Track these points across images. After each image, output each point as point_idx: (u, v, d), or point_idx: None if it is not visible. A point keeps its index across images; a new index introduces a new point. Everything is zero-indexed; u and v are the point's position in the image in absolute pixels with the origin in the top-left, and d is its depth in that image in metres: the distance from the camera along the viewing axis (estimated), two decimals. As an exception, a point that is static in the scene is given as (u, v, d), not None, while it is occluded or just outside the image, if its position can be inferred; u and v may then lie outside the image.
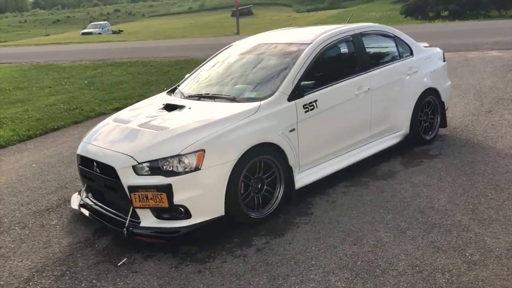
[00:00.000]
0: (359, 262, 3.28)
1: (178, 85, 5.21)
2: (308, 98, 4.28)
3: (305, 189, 4.35)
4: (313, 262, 3.33)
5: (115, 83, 12.24)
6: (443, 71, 5.88)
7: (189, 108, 4.25)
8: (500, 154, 5.11)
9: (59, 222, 4.39)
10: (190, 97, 4.64)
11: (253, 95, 4.28)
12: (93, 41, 32.19)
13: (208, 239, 3.76)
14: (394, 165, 5.07)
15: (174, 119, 4.08)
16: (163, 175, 3.59)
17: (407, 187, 4.46)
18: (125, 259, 3.59)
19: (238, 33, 26.78)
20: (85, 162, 4.11)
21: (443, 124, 5.86)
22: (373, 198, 4.29)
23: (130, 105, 9.95)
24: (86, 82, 12.67)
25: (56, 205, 4.80)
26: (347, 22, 5.87)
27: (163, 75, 13.28)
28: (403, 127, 5.30)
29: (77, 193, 4.68)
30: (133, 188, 3.61)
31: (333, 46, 4.71)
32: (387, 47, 5.37)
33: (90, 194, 4.30)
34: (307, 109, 4.26)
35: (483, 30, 17.96)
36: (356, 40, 4.94)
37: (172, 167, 3.60)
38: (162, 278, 3.30)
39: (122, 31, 43.15)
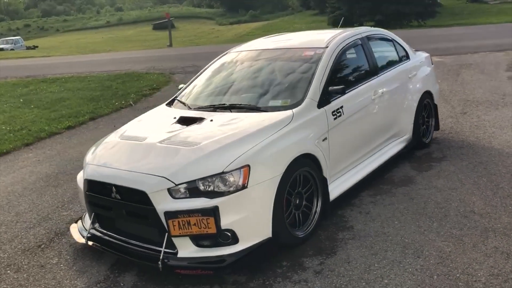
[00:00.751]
0: (435, 277, 3.05)
1: (176, 97, 4.74)
2: (335, 104, 4.04)
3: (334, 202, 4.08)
4: (386, 281, 3.05)
5: (56, 100, 11.26)
6: (433, 74, 5.93)
7: (211, 120, 3.82)
8: (502, 153, 5.18)
9: (61, 259, 3.76)
10: (201, 108, 4.21)
11: (278, 103, 3.95)
12: (12, 57, 29.80)
13: (250, 265, 3.35)
14: (406, 171, 4.95)
15: (200, 133, 3.64)
16: (205, 197, 3.15)
17: (434, 192, 4.33)
18: (166, 297, 3.10)
19: (171, 45, 26.09)
20: (97, 187, 3.54)
21: (437, 126, 5.88)
22: (406, 206, 4.11)
23: (84, 123, 9.39)
24: (21, 100, 11.54)
25: (47, 240, 4.13)
26: (339, 27, 5.73)
27: (107, 89, 12.45)
28: (407, 132, 5.22)
29: (76, 223, 4.05)
30: (172, 214, 3.13)
31: (347, 50, 4.52)
32: (389, 51, 5.28)
33: (97, 225, 3.71)
34: (335, 116, 4.01)
35: (416, 38, 18.87)
36: (364, 43, 4.79)
37: (215, 186, 3.17)
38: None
39: (37, 46, 40.58)
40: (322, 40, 4.53)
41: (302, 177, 3.60)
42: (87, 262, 3.67)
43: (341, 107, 4.09)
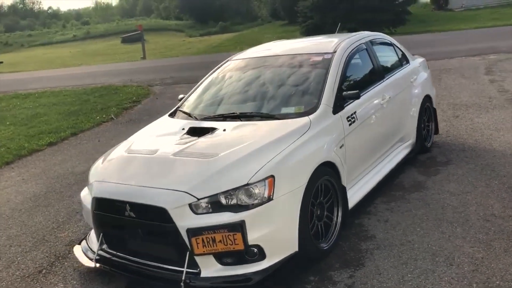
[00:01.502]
0: (474, 285, 2.94)
1: (178, 107, 4.54)
2: (348, 110, 3.92)
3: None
4: (425, 292, 2.92)
5: (33, 116, 10.83)
6: (430, 78, 5.90)
7: (224, 130, 3.64)
8: (506, 155, 5.16)
9: (67, 285, 3.49)
10: (208, 118, 4.02)
11: (292, 110, 3.80)
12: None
13: (276, 281, 3.16)
14: (414, 176, 4.87)
15: (215, 144, 3.46)
16: (230, 211, 2.96)
17: (448, 197, 4.25)
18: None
19: (145, 58, 25.65)
20: (107, 206, 3.29)
21: (436, 130, 5.85)
22: (424, 212, 4.01)
23: (66, 138, 9.00)
24: (-6, 117, 11.03)
25: (48, 264, 3.84)
26: (337, 32, 5.64)
27: (85, 103, 12.07)
28: (411, 136, 5.15)
29: (80, 244, 3.78)
30: (195, 231, 2.92)
31: (354, 54, 4.42)
32: (391, 55, 5.22)
33: (105, 245, 3.46)
34: (350, 122, 3.89)
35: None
36: (369, 48, 4.71)
37: (239, 200, 2.98)
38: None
39: (1, 62, 39.45)
40: (329, 45, 4.41)
41: (323, 186, 3.45)
42: (97, 286, 3.40)
43: (355, 112, 3.98)
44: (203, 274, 3.01)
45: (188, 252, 3.00)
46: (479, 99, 8.09)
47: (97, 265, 3.41)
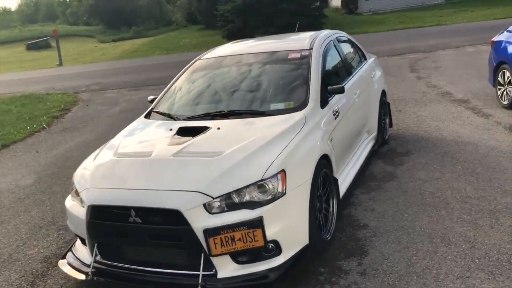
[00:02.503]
0: (477, 260, 3.14)
1: (153, 109, 4.37)
2: (332, 104, 4.02)
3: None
4: (435, 272, 3.07)
5: (-50, 129, 9.81)
6: (383, 74, 6.20)
7: (218, 128, 3.56)
8: (458, 142, 5.56)
9: (61, 303, 3.21)
10: (193, 118, 3.91)
11: (281, 106, 3.81)
12: None
13: (287, 276, 3.15)
14: (382, 167, 5.09)
15: (215, 142, 3.37)
16: (246, 208, 2.90)
17: (422, 183, 4.49)
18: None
19: (61, 64, 24.28)
20: (105, 213, 3.08)
21: (390, 124, 6.16)
22: (405, 199, 4.21)
23: None
24: None
25: (28, 284, 3.53)
26: (296, 31, 5.75)
27: (7, 114, 11.21)
28: (374, 129, 5.38)
29: (64, 258, 3.51)
30: (213, 231, 2.83)
31: (328, 51, 4.54)
32: (353, 52, 5.41)
33: (99, 257, 3.24)
34: (335, 115, 3.99)
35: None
36: (337, 45, 4.86)
37: (253, 196, 2.94)
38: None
39: None
40: (303, 42, 4.49)
41: (322, 179, 3.50)
42: (96, 301, 3.18)
43: (337, 106, 4.09)
44: (220, 275, 2.92)
45: (202, 254, 2.90)
46: (414, 95, 8.63)
47: (94, 278, 3.17)
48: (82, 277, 3.25)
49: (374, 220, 3.87)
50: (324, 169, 3.50)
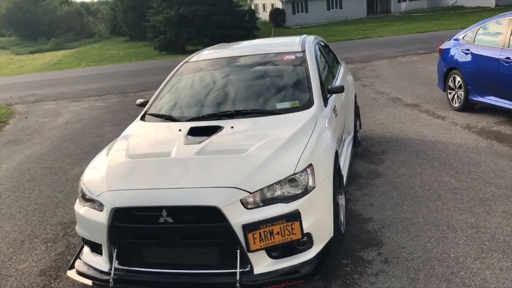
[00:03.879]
0: (486, 243, 3.37)
1: (147, 111, 4.24)
2: (330, 103, 4.14)
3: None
4: (453, 255, 3.26)
5: None
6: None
7: (231, 127, 3.54)
8: (425, 141, 5.92)
9: (80, 315, 3.02)
10: (197, 119, 3.86)
11: (287, 105, 3.87)
12: None
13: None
14: (363, 165, 5.30)
15: (235, 141, 3.38)
16: (280, 203, 2.92)
17: (408, 179, 4.74)
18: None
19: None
20: (131, 215, 2.95)
21: (360, 125, 6.43)
22: (398, 193, 4.41)
23: None
24: None
25: (34, 299, 3.26)
26: (272, 36, 5.85)
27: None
28: (351, 130, 5.59)
29: (73, 268, 3.31)
30: (252, 226, 2.81)
31: (317, 54, 4.67)
32: (332, 56, 5.60)
33: (117, 262, 3.09)
34: (335, 114, 4.12)
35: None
36: (321, 48, 5.01)
37: (285, 190, 2.96)
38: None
39: None
40: (294, 45, 4.61)
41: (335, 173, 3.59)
42: (120, 309, 3.02)
43: (335, 105, 4.22)
44: (256, 271, 2.90)
45: (238, 251, 2.86)
46: (365, 101, 9.05)
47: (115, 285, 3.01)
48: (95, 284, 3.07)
49: (377, 214, 4.02)
50: (337, 164, 3.60)
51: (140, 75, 17.38)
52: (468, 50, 6.94)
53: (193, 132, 3.55)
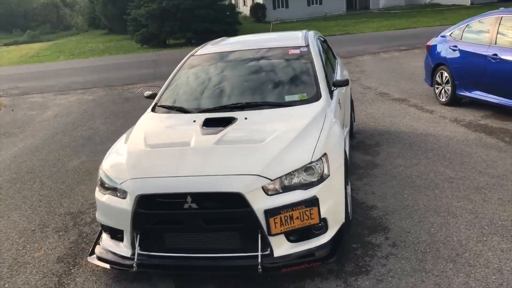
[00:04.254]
0: (486, 227, 3.60)
1: (156, 103, 4.34)
2: (335, 95, 4.32)
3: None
4: (456, 238, 3.48)
5: None
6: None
7: (245, 118, 3.68)
8: (417, 134, 6.17)
9: (106, 298, 3.13)
10: (209, 110, 3.98)
11: (296, 98, 4.03)
12: None
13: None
14: (360, 157, 5.51)
15: (252, 131, 3.53)
16: (299, 189, 3.08)
17: (404, 169, 4.96)
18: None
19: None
20: (155, 202, 3.07)
21: (354, 118, 6.64)
22: (397, 182, 4.63)
23: None
24: None
25: (54, 285, 3.35)
26: (271, 31, 5.99)
27: None
28: (348, 123, 5.78)
29: (94, 254, 3.42)
30: (274, 211, 2.97)
31: (318, 47, 4.83)
32: (329, 50, 5.77)
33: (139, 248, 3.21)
34: (340, 106, 4.30)
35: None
36: (321, 43, 5.18)
37: (302, 178, 3.13)
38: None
39: None
40: (297, 39, 4.76)
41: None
42: (144, 292, 3.14)
43: (339, 98, 4.40)
44: (276, 254, 3.06)
45: (260, 235, 3.02)
46: (354, 95, 9.14)
47: (140, 270, 3.14)
48: (119, 269, 3.19)
49: (379, 202, 4.23)
50: (346, 155, 3.78)
51: (124, 68, 17.28)
52: (455, 46, 7.22)
53: (208, 123, 3.67)
